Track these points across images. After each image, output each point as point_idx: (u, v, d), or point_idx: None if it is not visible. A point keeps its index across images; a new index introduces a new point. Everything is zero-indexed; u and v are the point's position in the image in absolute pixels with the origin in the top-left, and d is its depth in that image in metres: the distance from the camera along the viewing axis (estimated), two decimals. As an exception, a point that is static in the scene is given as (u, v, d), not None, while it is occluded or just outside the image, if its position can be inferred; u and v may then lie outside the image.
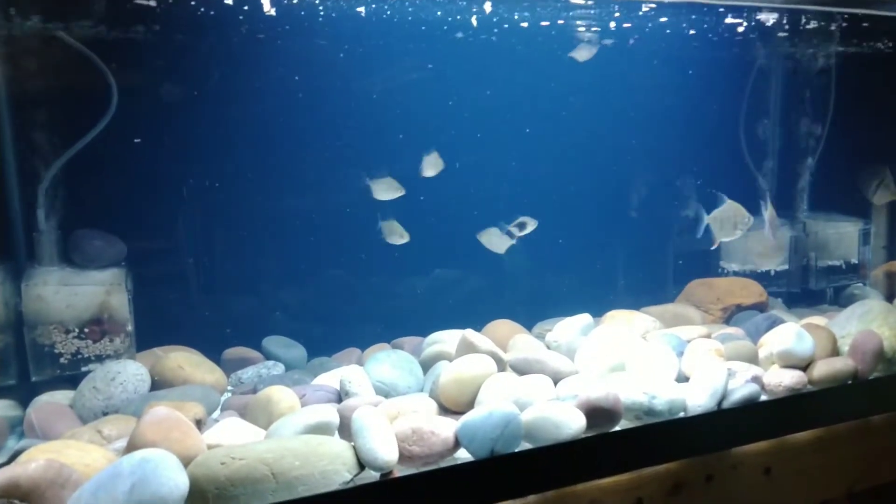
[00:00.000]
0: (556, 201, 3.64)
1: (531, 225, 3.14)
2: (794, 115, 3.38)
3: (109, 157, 2.88)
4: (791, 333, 2.72)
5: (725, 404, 2.58)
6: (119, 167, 2.94)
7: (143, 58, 2.94)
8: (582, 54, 3.19)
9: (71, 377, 2.70)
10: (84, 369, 2.70)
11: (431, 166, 3.12)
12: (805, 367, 2.74)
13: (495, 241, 3.20)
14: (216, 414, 2.64)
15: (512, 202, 3.60)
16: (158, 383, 2.69)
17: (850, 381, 2.78)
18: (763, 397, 2.66)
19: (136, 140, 2.80)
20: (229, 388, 2.93)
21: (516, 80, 3.42)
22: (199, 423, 2.40)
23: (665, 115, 3.49)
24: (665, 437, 2.49)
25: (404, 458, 2.20)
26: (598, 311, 3.36)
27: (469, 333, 2.74)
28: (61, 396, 2.61)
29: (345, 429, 2.34)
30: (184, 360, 2.75)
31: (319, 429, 2.27)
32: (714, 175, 3.38)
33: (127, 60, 2.87)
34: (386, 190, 3.13)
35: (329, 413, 2.31)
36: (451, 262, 3.69)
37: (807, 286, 3.48)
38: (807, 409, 2.72)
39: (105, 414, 2.51)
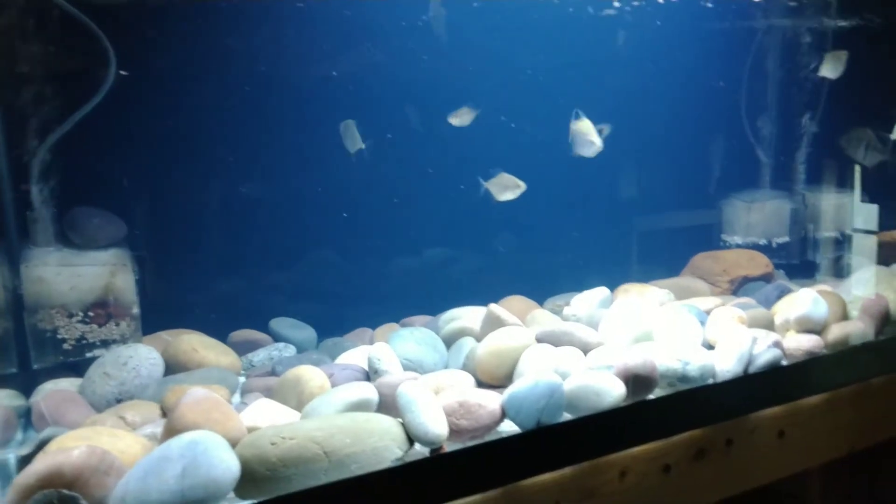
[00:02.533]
0: (552, 177, 3.63)
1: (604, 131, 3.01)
2: (793, 84, 3.44)
3: (108, 131, 2.69)
4: (808, 299, 2.79)
5: (751, 369, 2.62)
6: (118, 141, 2.76)
7: (143, 23, 2.76)
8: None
9: (74, 364, 2.52)
10: (89, 355, 2.52)
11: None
12: (820, 331, 2.81)
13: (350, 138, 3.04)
14: (236, 397, 2.52)
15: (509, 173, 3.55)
16: (171, 367, 2.54)
17: (859, 344, 2.87)
18: (783, 362, 2.72)
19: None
20: (242, 370, 2.80)
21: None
22: (226, 407, 2.27)
23: (663, 90, 3.52)
24: (697, 402, 2.51)
25: (452, 432, 2.14)
26: (599, 285, 3.36)
27: (495, 308, 2.70)
28: (67, 384, 2.43)
29: (383, 406, 2.26)
30: (197, 342, 2.61)
31: (360, 406, 2.19)
32: (714, 149, 3.44)
33: (127, 25, 2.69)
34: (502, 190, 2.99)
35: (369, 390, 2.23)
36: (447, 240, 3.63)
37: (805, 258, 3.58)
38: (822, 372, 2.79)
39: (119, 401, 2.36)
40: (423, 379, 2.35)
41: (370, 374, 2.52)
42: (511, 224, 3.69)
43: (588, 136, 2.92)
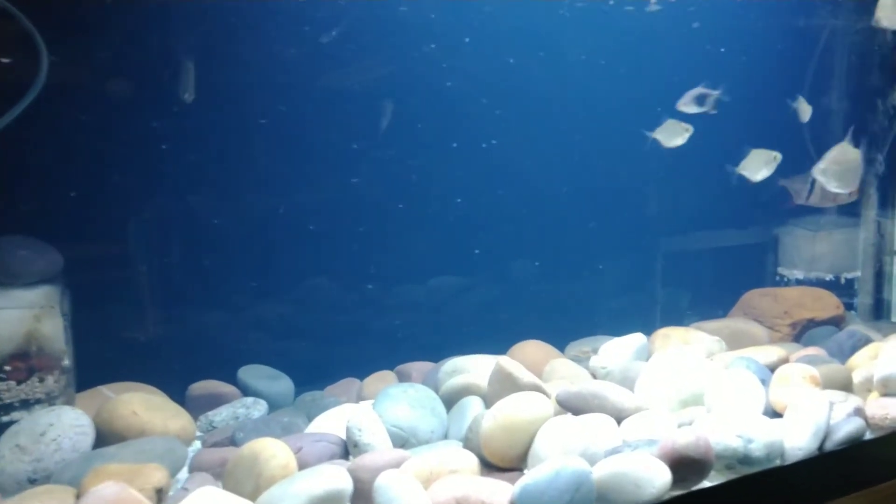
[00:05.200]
0: (575, 196, 3.12)
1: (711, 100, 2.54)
2: (866, 89, 2.90)
3: (39, 144, 2.24)
4: (895, 353, 2.25)
5: (828, 445, 2.08)
6: (52, 156, 2.30)
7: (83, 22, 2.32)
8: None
9: (-12, 430, 2.05)
10: (5, 419, 2.05)
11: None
12: (910, 394, 2.27)
13: (671, 133, 2.56)
14: (183, 473, 2.04)
15: (509, 199, 3.07)
16: (106, 436, 2.06)
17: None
18: (867, 434, 2.18)
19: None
20: (199, 433, 2.32)
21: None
22: (161, 495, 1.79)
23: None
24: (762, 491, 1.98)
25: (447, 539, 1.64)
26: (631, 328, 2.87)
27: (505, 362, 2.19)
28: (-27, 458, 1.96)
29: (360, 496, 1.77)
30: (139, 404, 2.12)
31: (329, 501, 1.69)
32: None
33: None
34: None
35: (339, 478, 1.74)
36: (454, 269, 3.14)
37: (880, 296, 3.02)
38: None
39: (33, 482, 1.89)
40: (412, 461, 1.84)
41: (349, 448, 2.03)
42: (528, 251, 3.19)
43: None
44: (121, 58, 2.43)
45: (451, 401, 2.31)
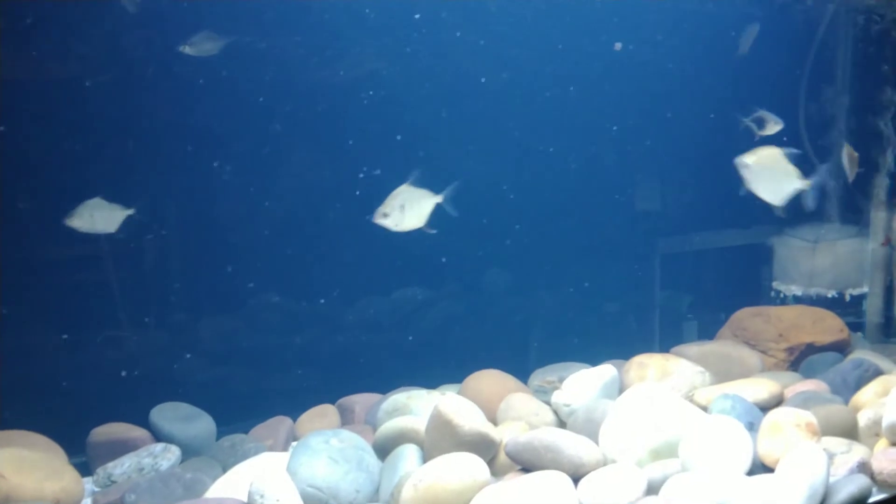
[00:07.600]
0: (544, 210, 2.79)
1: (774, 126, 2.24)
2: (869, 89, 2.55)
3: None
4: (906, 395, 1.90)
5: (827, 510, 1.75)
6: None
7: None
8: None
9: None
10: None
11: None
12: (927, 441, 1.92)
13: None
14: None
15: (478, 210, 2.74)
16: (-35, 503, 1.75)
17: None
18: (874, 494, 1.84)
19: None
20: (96, 489, 2.01)
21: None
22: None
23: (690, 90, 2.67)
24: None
25: None
26: (608, 351, 2.55)
27: (445, 407, 1.87)
28: None
29: (250, 588, 1.45)
30: (8, 463, 1.81)
31: None
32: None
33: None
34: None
35: (220, 569, 1.41)
36: (413, 287, 2.81)
37: (891, 315, 2.66)
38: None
39: None
40: (314, 543, 1.52)
41: (251, 517, 1.71)
42: (495, 268, 2.87)
43: None
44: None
45: (386, 448, 1.98)
